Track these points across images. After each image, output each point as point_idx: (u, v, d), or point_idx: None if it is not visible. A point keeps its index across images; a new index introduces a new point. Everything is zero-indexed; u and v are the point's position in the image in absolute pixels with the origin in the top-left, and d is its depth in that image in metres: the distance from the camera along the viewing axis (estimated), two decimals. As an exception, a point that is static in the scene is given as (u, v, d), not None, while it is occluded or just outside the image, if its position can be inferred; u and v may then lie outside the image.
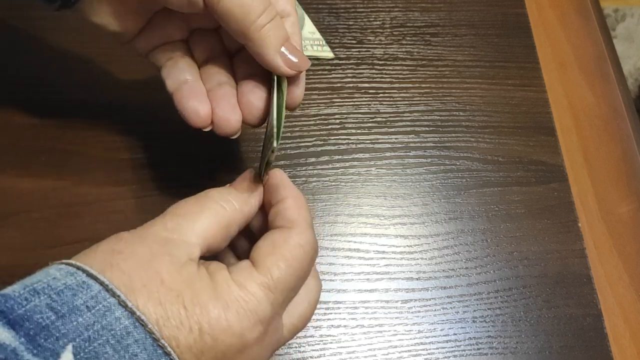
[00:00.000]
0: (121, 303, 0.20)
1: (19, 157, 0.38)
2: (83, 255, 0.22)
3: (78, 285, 0.20)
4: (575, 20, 0.49)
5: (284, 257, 0.23)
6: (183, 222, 0.23)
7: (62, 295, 0.19)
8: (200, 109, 0.28)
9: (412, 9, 0.47)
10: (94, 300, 0.19)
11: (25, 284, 0.20)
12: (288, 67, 0.27)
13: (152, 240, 0.22)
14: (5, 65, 0.41)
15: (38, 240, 0.36)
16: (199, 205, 0.24)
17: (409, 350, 0.34)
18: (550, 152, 0.42)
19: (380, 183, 0.40)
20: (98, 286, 0.20)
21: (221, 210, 0.24)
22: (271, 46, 0.26)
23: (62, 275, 0.20)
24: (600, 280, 0.38)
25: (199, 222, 0.23)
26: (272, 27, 0.26)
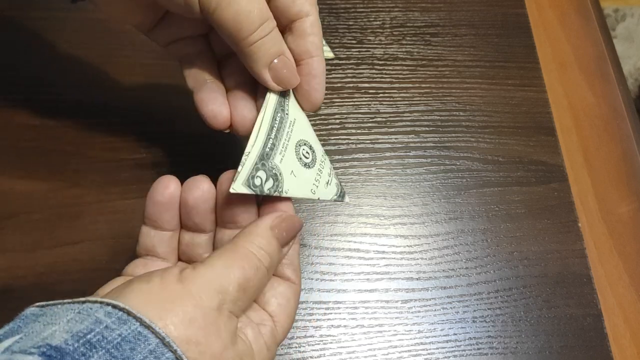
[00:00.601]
0: (178, 358, 0.19)
1: (18, 157, 0.38)
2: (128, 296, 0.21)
3: (135, 337, 0.19)
4: (575, 20, 0.49)
5: (293, 318, 0.26)
6: (241, 298, 0.23)
7: (121, 349, 0.18)
8: (218, 113, 0.28)
9: (412, 9, 0.47)
10: (153, 356, 0.19)
11: (76, 334, 0.19)
12: (276, 83, 0.27)
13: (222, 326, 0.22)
14: (5, 66, 0.41)
15: (38, 241, 0.36)
16: (256, 280, 0.23)
17: (409, 350, 0.34)
18: (550, 152, 0.42)
19: (380, 183, 0.40)
20: (155, 339, 0.19)
21: (266, 283, 0.25)
22: (260, 61, 0.26)
23: (115, 324, 0.19)
24: (600, 280, 0.38)
25: (249, 301, 0.24)
26: (265, 42, 0.26)
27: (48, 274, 0.35)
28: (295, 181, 0.27)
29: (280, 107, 0.28)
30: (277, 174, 0.27)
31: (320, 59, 0.28)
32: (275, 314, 0.25)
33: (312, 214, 0.38)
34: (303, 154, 0.28)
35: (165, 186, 0.26)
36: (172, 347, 0.19)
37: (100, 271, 0.35)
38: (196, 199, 0.26)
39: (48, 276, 0.35)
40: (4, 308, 0.33)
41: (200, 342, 0.20)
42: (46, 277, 0.35)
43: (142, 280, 0.22)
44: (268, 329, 0.24)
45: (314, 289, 0.36)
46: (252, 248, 0.24)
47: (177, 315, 0.20)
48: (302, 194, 0.27)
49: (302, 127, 0.28)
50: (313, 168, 0.28)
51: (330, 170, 0.29)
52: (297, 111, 0.29)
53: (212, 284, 0.22)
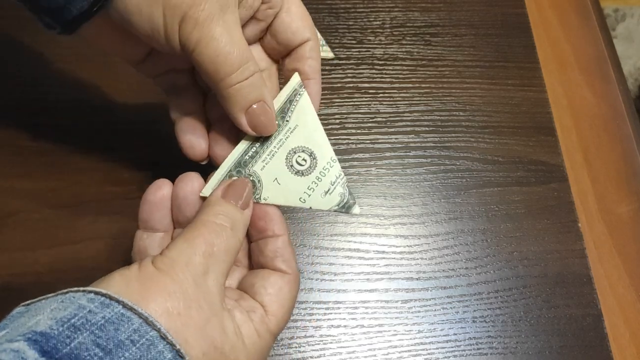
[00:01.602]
0: (162, 336, 0.20)
1: (18, 157, 0.38)
2: (109, 283, 0.22)
3: (118, 319, 0.19)
4: (575, 20, 0.49)
5: (289, 309, 0.26)
6: (211, 266, 0.23)
7: (105, 330, 0.19)
8: (196, 145, 0.29)
9: (412, 9, 0.47)
10: (137, 334, 0.19)
11: (60, 319, 0.19)
12: (251, 128, 0.27)
13: (201, 298, 0.22)
14: (5, 66, 0.41)
15: (37, 240, 0.36)
16: (222, 243, 0.24)
17: (409, 350, 0.34)
18: (550, 152, 0.42)
19: (380, 183, 0.40)
20: (138, 319, 0.20)
21: (237, 246, 0.25)
22: (237, 105, 0.26)
23: (98, 308, 0.20)
24: (600, 280, 0.38)
25: (223, 265, 0.24)
26: (243, 87, 0.26)
27: (48, 273, 0.35)
28: (279, 189, 0.27)
29: (280, 114, 0.28)
30: (254, 180, 0.27)
31: (316, 82, 0.29)
32: (266, 302, 0.25)
33: (312, 214, 0.38)
34: (297, 161, 0.28)
35: (159, 187, 0.27)
36: (156, 326, 0.20)
37: (100, 270, 0.35)
38: (186, 192, 0.27)
39: (47, 275, 0.35)
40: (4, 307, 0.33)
41: (181, 313, 0.21)
42: (46, 276, 0.35)
43: (123, 268, 0.23)
44: (258, 316, 0.25)
45: (314, 289, 0.36)
46: (209, 216, 0.24)
47: (155, 292, 0.21)
48: (286, 202, 0.28)
49: (305, 133, 0.28)
50: (308, 176, 0.28)
51: (336, 178, 0.28)
52: (303, 116, 0.28)
53: (179, 259, 0.22)
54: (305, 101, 0.28)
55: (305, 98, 0.29)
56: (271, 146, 0.28)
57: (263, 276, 0.26)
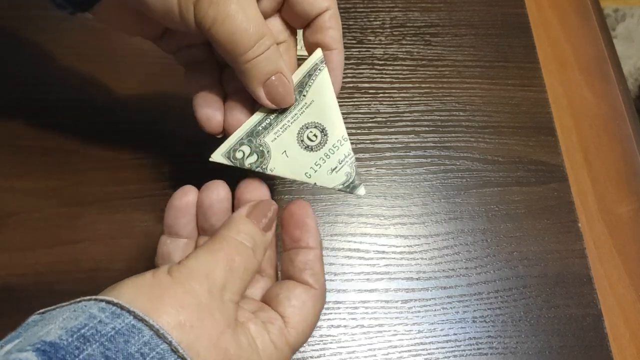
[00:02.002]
0: (173, 349, 0.19)
1: (19, 157, 0.38)
2: (120, 291, 0.21)
3: (128, 330, 0.19)
4: (575, 20, 0.49)
5: (310, 324, 0.26)
6: (230, 281, 0.23)
7: (115, 342, 0.19)
8: (212, 117, 0.29)
9: (412, 9, 0.47)
10: (148, 347, 0.19)
11: (70, 329, 0.19)
12: (269, 101, 0.27)
13: (215, 310, 0.22)
14: (5, 65, 0.41)
15: (38, 240, 0.36)
16: (242, 261, 0.24)
17: (409, 350, 0.34)
18: (550, 152, 0.42)
19: (380, 183, 0.40)
20: (149, 331, 0.19)
21: (256, 266, 0.25)
22: (255, 79, 0.26)
23: (108, 318, 0.19)
24: (600, 280, 0.38)
25: (241, 283, 0.24)
26: (260, 61, 0.26)
27: (48, 273, 0.35)
28: (287, 162, 0.27)
29: (298, 88, 0.28)
30: (264, 151, 0.27)
31: (339, 52, 0.28)
32: (287, 314, 0.25)
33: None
34: (308, 136, 0.28)
35: (185, 193, 0.27)
36: (167, 339, 0.19)
37: (100, 271, 0.35)
38: (212, 200, 0.27)
39: (48, 275, 0.35)
40: (4, 307, 0.33)
41: (194, 325, 0.20)
42: (46, 276, 0.35)
43: (136, 276, 0.22)
44: (276, 328, 0.24)
45: (314, 288, 0.36)
46: (231, 233, 0.24)
47: (169, 302, 0.20)
48: (292, 175, 0.27)
49: (319, 109, 0.28)
50: (316, 152, 0.28)
51: (345, 157, 0.28)
52: (320, 93, 0.28)
53: (198, 270, 0.22)
54: (324, 77, 0.28)
55: (324, 74, 0.28)
56: (285, 120, 0.28)
57: (288, 287, 0.26)
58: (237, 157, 0.27)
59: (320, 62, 0.28)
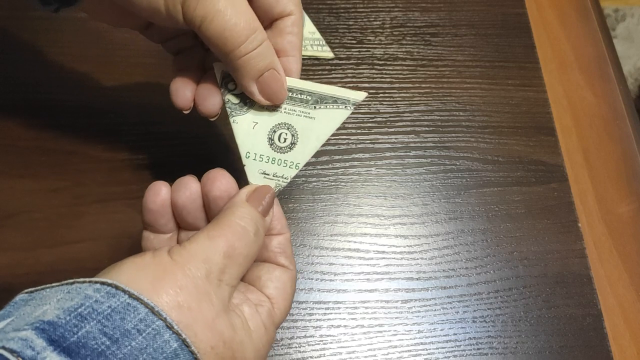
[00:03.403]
0: (168, 325, 0.20)
1: (19, 157, 0.38)
2: (121, 269, 0.22)
3: (124, 308, 0.20)
4: (575, 20, 0.49)
5: (291, 302, 0.27)
6: (229, 267, 0.23)
7: (111, 319, 0.19)
8: (180, 92, 0.29)
9: (412, 9, 0.47)
10: (144, 324, 0.20)
11: (66, 309, 0.19)
12: (263, 97, 0.27)
13: (212, 293, 0.22)
14: (5, 66, 0.41)
15: (38, 240, 0.36)
16: (244, 248, 0.24)
17: (409, 350, 0.34)
18: (550, 152, 0.42)
19: (380, 183, 0.40)
20: (144, 308, 0.20)
21: (257, 252, 0.25)
22: (248, 75, 0.26)
23: (104, 297, 0.20)
24: (600, 280, 0.38)
25: (240, 269, 0.24)
26: (252, 57, 0.26)
27: (48, 273, 0.35)
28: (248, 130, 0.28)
29: (319, 98, 0.28)
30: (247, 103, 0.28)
31: (296, 60, 0.28)
32: (273, 296, 0.26)
33: (312, 214, 0.38)
34: (280, 134, 0.28)
35: (156, 193, 0.27)
36: (162, 316, 0.20)
37: (101, 270, 0.35)
38: (185, 200, 0.27)
39: (48, 275, 0.35)
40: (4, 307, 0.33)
41: (192, 307, 0.21)
42: (47, 276, 0.35)
43: (136, 256, 0.23)
44: (265, 309, 0.25)
45: (314, 289, 0.36)
46: (234, 217, 0.25)
47: (168, 284, 0.21)
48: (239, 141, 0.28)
49: (309, 129, 0.28)
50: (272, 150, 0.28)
51: (282, 176, 0.28)
52: (324, 120, 0.28)
53: (198, 255, 0.23)
54: (343, 114, 0.28)
55: (346, 112, 0.28)
56: (283, 105, 0.28)
57: (268, 270, 0.27)
58: (228, 86, 0.28)
59: (354, 104, 0.28)
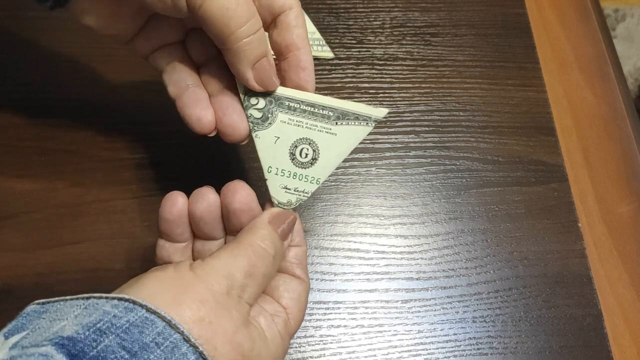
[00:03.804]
0: (185, 339, 0.20)
1: (19, 157, 0.38)
2: (143, 284, 0.22)
3: (142, 322, 0.20)
4: (575, 20, 0.49)
5: (304, 314, 0.28)
6: (249, 285, 0.24)
7: (130, 333, 0.19)
8: (202, 116, 0.28)
9: (412, 9, 0.47)
10: (162, 337, 0.20)
11: (85, 325, 0.19)
12: (257, 83, 0.27)
13: (232, 308, 0.23)
14: (5, 66, 0.41)
15: (38, 240, 0.36)
16: (263, 268, 0.25)
17: (409, 350, 0.34)
18: (550, 152, 0.42)
19: (380, 183, 0.40)
20: (161, 322, 0.20)
21: (274, 274, 0.26)
22: (246, 60, 0.26)
23: (122, 312, 0.20)
24: (600, 280, 0.38)
25: (259, 288, 0.25)
26: (252, 41, 0.26)
27: (48, 274, 0.35)
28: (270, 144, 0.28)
29: (341, 114, 0.28)
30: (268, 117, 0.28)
31: (307, 51, 0.28)
32: (289, 306, 0.26)
33: (312, 214, 0.38)
34: (302, 149, 0.29)
35: (173, 203, 0.27)
36: (179, 329, 0.20)
37: (100, 271, 0.35)
38: (203, 211, 0.27)
39: (48, 276, 0.35)
40: (4, 307, 0.33)
41: (213, 321, 0.21)
42: (46, 276, 0.35)
43: (158, 269, 0.23)
44: (281, 320, 0.26)
45: (314, 289, 0.36)
46: (256, 239, 0.25)
47: (190, 298, 0.22)
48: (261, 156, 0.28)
49: (331, 146, 0.29)
50: (293, 165, 0.29)
51: (303, 192, 0.29)
52: (346, 137, 0.29)
53: (220, 271, 0.23)
54: (364, 131, 0.28)
55: (367, 129, 0.28)
56: (305, 118, 0.28)
57: (285, 281, 0.27)
58: (251, 101, 0.28)
59: (375, 121, 0.28)
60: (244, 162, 0.39)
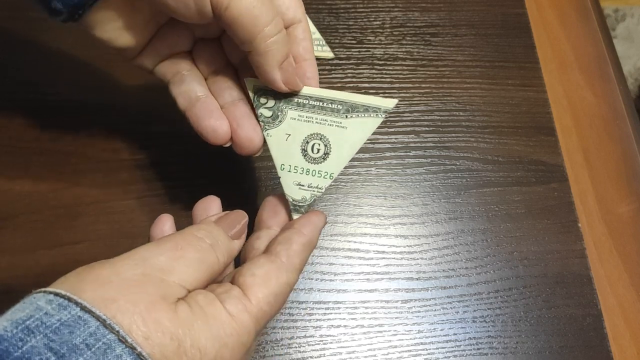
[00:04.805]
0: (121, 339, 0.19)
1: (18, 158, 0.38)
2: (67, 283, 0.21)
3: (74, 322, 0.19)
4: (575, 20, 0.49)
5: (274, 293, 0.24)
6: (181, 268, 0.23)
7: (59, 333, 0.19)
8: (217, 127, 0.28)
9: (412, 9, 0.47)
10: (93, 338, 0.19)
11: (15, 321, 0.19)
12: (284, 84, 0.27)
13: (149, 284, 0.21)
14: (5, 66, 0.41)
15: (38, 241, 0.36)
16: (199, 254, 0.23)
17: (409, 350, 0.34)
18: (550, 152, 0.42)
19: (380, 183, 0.40)
20: (95, 321, 0.19)
21: (215, 264, 0.24)
22: (274, 60, 0.26)
23: (55, 310, 0.19)
24: (600, 280, 0.38)
25: (197, 272, 0.23)
26: (279, 40, 0.26)
27: (48, 274, 0.34)
28: (282, 142, 0.29)
29: (350, 107, 0.29)
30: (279, 115, 0.29)
31: (313, 63, 0.29)
32: (247, 283, 0.24)
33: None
34: (314, 144, 0.29)
35: (161, 229, 0.27)
36: (114, 329, 0.19)
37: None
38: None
39: (48, 276, 0.34)
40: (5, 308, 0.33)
41: (117, 299, 0.20)
42: (46, 277, 0.34)
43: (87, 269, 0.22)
44: (232, 297, 0.23)
45: (314, 289, 0.36)
46: (190, 229, 0.24)
47: (91, 280, 0.21)
48: (274, 154, 0.29)
49: (343, 139, 0.29)
50: (306, 161, 0.29)
51: (317, 187, 0.29)
52: (356, 129, 0.29)
53: (138, 255, 0.22)
54: (375, 122, 0.29)
55: (377, 120, 0.29)
56: (315, 114, 0.28)
57: (253, 260, 0.25)
58: (260, 100, 0.28)
59: (385, 112, 0.29)
60: (244, 162, 0.39)
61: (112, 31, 0.28)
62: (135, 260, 0.22)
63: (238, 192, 0.38)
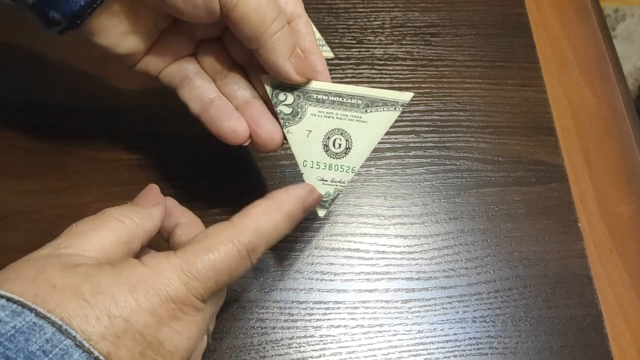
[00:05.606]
0: (78, 344, 0.19)
1: (18, 158, 0.38)
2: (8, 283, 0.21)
3: (29, 328, 0.19)
4: (575, 20, 0.49)
5: (207, 247, 0.23)
6: (78, 239, 0.23)
7: (15, 341, 0.18)
8: (237, 127, 0.28)
9: (412, 9, 0.47)
10: (50, 344, 0.19)
11: None
12: (298, 74, 0.27)
13: (41, 259, 0.22)
14: (5, 67, 0.41)
15: (38, 241, 0.35)
16: (96, 222, 0.24)
17: (409, 350, 0.34)
18: (550, 152, 0.42)
19: (380, 183, 0.40)
20: (51, 327, 0.19)
21: (120, 225, 0.24)
22: (283, 53, 0.26)
23: (9, 317, 0.19)
24: (600, 280, 0.38)
25: (95, 237, 0.23)
26: (285, 33, 0.26)
27: (48, 274, 0.35)
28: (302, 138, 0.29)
29: (369, 102, 0.29)
30: (298, 111, 0.29)
31: (320, 56, 0.29)
32: (176, 245, 0.25)
33: (312, 214, 0.38)
34: (335, 140, 0.29)
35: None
36: (71, 334, 0.19)
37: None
38: None
39: (48, 276, 0.34)
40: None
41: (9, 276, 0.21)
42: (46, 277, 0.34)
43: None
44: (154, 253, 0.23)
45: (314, 289, 0.36)
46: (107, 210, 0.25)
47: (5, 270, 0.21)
48: (295, 151, 0.29)
49: (363, 132, 0.29)
50: (327, 156, 0.29)
51: (339, 182, 0.29)
52: (375, 123, 0.29)
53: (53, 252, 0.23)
54: (393, 116, 0.29)
55: (395, 114, 0.29)
56: (334, 109, 0.28)
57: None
58: (279, 97, 0.28)
59: (402, 105, 0.28)
60: (245, 161, 0.39)
61: (113, 37, 0.27)
62: (45, 247, 0.23)
63: (238, 192, 0.38)
